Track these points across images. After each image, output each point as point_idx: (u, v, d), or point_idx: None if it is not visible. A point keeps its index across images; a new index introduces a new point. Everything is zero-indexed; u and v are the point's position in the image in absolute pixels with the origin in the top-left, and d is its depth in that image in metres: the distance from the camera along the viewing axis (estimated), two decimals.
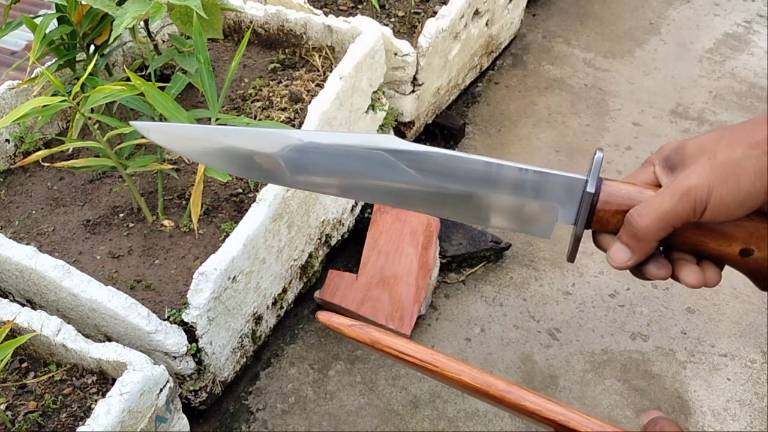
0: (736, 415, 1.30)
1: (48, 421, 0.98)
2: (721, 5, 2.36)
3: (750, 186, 0.44)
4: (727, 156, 0.44)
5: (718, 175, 0.44)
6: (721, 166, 0.44)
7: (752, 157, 0.44)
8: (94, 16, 1.20)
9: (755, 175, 0.44)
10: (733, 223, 0.47)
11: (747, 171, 0.44)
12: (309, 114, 1.27)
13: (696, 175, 0.45)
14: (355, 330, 0.56)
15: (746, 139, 0.45)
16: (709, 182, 0.44)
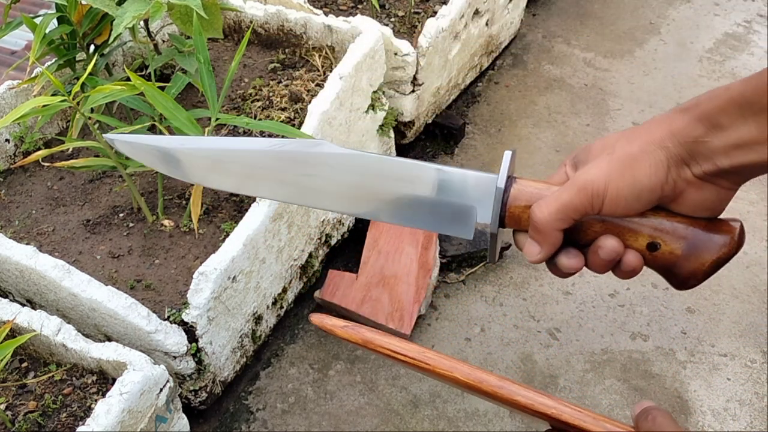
0: (736, 415, 1.30)
1: (48, 421, 0.98)
2: (721, 5, 2.36)
3: (646, 179, 0.45)
4: (625, 151, 0.46)
5: (615, 168, 0.46)
6: (618, 160, 0.46)
7: (648, 152, 0.45)
8: (94, 15, 1.20)
9: (651, 169, 0.45)
10: (638, 218, 0.48)
11: (643, 165, 0.45)
12: (309, 114, 1.27)
13: (594, 169, 0.46)
14: (347, 331, 0.57)
15: (644, 135, 0.46)
16: (606, 176, 0.46)
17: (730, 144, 0.43)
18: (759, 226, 1.63)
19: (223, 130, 1.36)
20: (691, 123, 0.44)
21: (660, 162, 0.45)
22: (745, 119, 0.42)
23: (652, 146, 0.45)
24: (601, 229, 0.49)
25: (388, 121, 1.54)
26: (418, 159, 1.79)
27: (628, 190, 0.46)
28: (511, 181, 0.51)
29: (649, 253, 0.49)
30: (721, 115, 0.43)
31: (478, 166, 1.78)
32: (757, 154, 0.42)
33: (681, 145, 0.44)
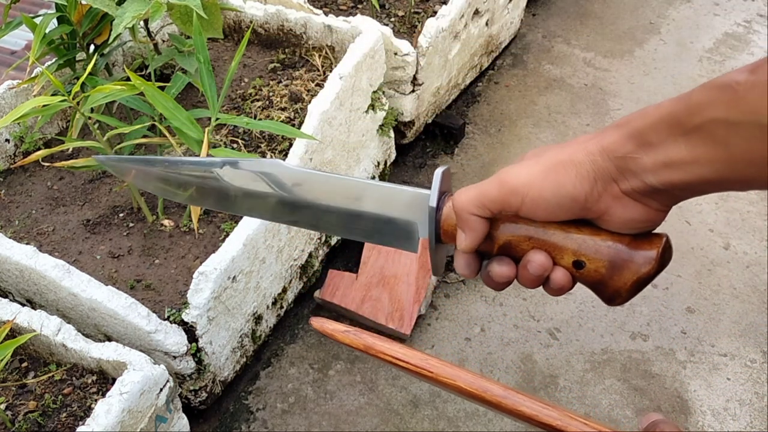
0: (736, 414, 1.30)
1: (48, 420, 0.98)
2: (721, 5, 2.36)
3: (570, 186, 0.45)
4: (555, 156, 0.46)
5: (539, 170, 0.46)
6: (544, 164, 0.46)
7: (576, 161, 0.45)
8: (94, 15, 1.20)
9: (576, 178, 0.45)
10: (563, 234, 0.48)
11: (569, 172, 0.45)
12: (309, 114, 1.27)
13: (519, 168, 0.47)
14: (348, 336, 0.56)
15: (576, 146, 0.46)
16: (529, 175, 0.46)
17: (659, 162, 0.43)
18: (759, 226, 1.63)
19: (223, 130, 1.36)
20: (622, 139, 0.44)
21: (587, 172, 0.45)
22: (674, 138, 0.42)
23: (581, 156, 0.45)
24: (529, 245, 0.49)
25: (388, 121, 1.54)
26: (418, 159, 1.79)
27: (550, 193, 0.46)
28: (445, 198, 0.52)
29: (576, 271, 0.49)
30: (651, 132, 0.43)
31: (478, 166, 1.78)
32: (685, 173, 0.42)
33: (610, 160, 0.44)
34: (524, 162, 0.48)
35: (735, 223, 1.64)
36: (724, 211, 1.67)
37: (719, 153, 0.40)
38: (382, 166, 1.61)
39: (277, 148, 1.33)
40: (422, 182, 1.74)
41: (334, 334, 0.57)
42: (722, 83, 0.40)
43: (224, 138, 1.36)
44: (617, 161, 0.44)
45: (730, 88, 0.39)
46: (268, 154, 1.31)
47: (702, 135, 0.40)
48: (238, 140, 1.35)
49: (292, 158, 1.23)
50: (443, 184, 0.52)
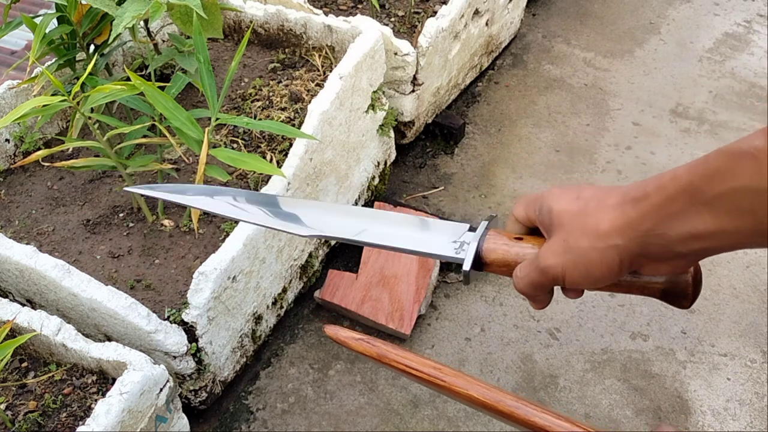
0: (736, 414, 1.30)
1: (48, 420, 0.98)
2: (721, 5, 2.36)
3: (599, 273, 0.47)
4: (577, 243, 0.47)
5: (569, 259, 0.48)
6: (571, 252, 0.48)
7: (597, 249, 0.46)
8: (94, 15, 1.20)
9: (602, 267, 0.46)
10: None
11: (594, 261, 0.47)
12: (309, 114, 1.27)
13: (551, 255, 0.49)
14: (362, 344, 0.57)
15: (594, 228, 0.47)
16: (562, 264, 0.48)
17: (685, 234, 0.42)
18: None
19: (223, 130, 1.36)
20: (642, 216, 0.44)
21: (612, 260, 0.46)
22: (697, 209, 0.41)
23: (602, 243, 0.46)
24: None
25: (388, 121, 1.54)
26: (418, 159, 1.79)
27: (582, 279, 0.48)
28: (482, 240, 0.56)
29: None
30: (672, 205, 0.42)
31: (478, 166, 1.78)
32: (714, 242, 0.42)
33: (632, 240, 0.45)
34: (552, 246, 0.49)
35: None
36: None
37: (747, 222, 0.39)
38: (382, 166, 1.61)
39: (277, 148, 1.33)
40: (422, 182, 1.74)
41: (348, 342, 0.58)
42: (740, 150, 0.39)
43: (224, 138, 1.36)
44: (640, 239, 0.44)
45: (750, 156, 0.38)
46: (268, 154, 1.31)
47: (726, 204, 0.40)
48: (238, 140, 1.35)
49: (292, 158, 1.23)
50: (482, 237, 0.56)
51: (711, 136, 1.88)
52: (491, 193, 1.72)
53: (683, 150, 1.84)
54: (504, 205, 1.68)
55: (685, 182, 0.42)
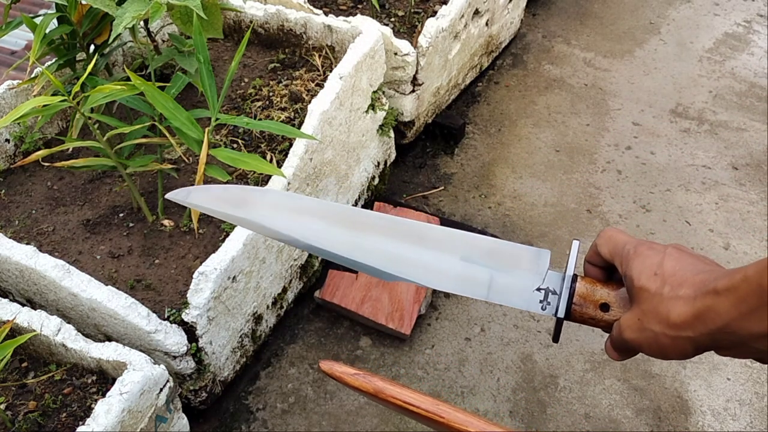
0: (736, 414, 1.30)
1: (48, 420, 0.98)
2: (721, 5, 2.36)
3: (673, 355, 0.49)
4: (650, 326, 0.49)
5: (643, 337, 0.50)
6: (645, 332, 0.49)
7: (669, 336, 0.48)
8: (94, 15, 1.20)
9: (675, 351, 0.48)
10: None
11: (667, 346, 0.48)
12: (309, 114, 1.27)
13: (629, 329, 0.51)
14: (358, 379, 0.57)
15: (666, 316, 0.48)
16: (638, 340, 0.50)
17: (756, 333, 0.43)
18: (759, 226, 1.63)
19: (223, 130, 1.36)
20: (713, 314, 0.44)
21: (684, 347, 0.47)
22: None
23: (673, 332, 0.47)
24: None
25: (388, 121, 1.54)
26: (418, 159, 1.79)
27: (658, 356, 0.50)
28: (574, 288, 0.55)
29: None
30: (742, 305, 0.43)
31: (478, 166, 1.78)
32: None
33: (704, 334, 0.45)
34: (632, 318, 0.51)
35: (735, 223, 1.64)
36: (724, 211, 1.67)
37: None
38: (382, 166, 1.61)
39: (277, 148, 1.33)
40: (422, 182, 1.74)
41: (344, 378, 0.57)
42: None
43: (224, 138, 1.36)
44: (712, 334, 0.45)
45: None
46: (268, 154, 1.31)
47: None
48: (238, 140, 1.35)
49: (292, 158, 1.23)
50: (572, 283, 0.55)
51: (711, 136, 1.88)
52: (491, 193, 1.72)
53: (683, 150, 1.84)
54: (504, 205, 1.68)
55: (755, 284, 0.42)
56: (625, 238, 0.54)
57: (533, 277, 0.55)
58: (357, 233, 0.59)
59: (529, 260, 0.56)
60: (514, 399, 1.32)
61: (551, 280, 0.55)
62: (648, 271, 0.50)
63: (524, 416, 1.29)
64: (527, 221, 1.63)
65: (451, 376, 1.35)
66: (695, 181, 1.75)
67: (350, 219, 0.60)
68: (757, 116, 1.94)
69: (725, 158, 1.82)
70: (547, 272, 0.55)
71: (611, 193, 1.72)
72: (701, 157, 1.82)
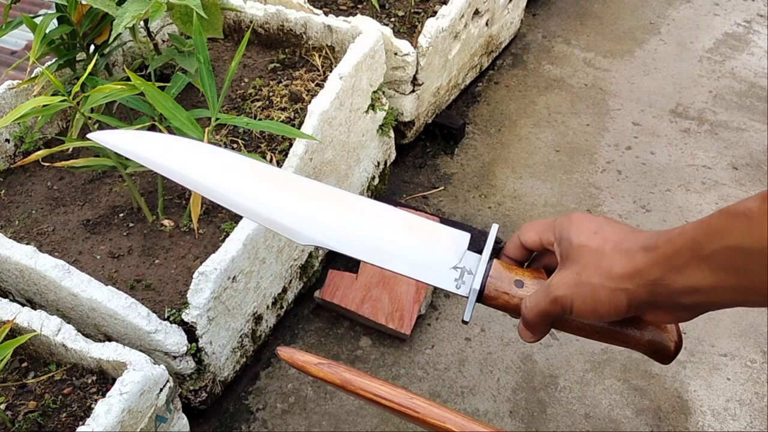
0: (736, 414, 1.30)
1: (48, 420, 0.98)
2: (721, 5, 2.36)
3: (605, 311, 0.49)
4: (589, 279, 0.50)
5: (578, 292, 0.50)
6: (582, 286, 0.50)
7: (608, 288, 0.48)
8: (94, 15, 1.20)
9: (610, 305, 0.49)
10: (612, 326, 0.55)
11: (603, 299, 0.49)
12: (309, 114, 1.27)
13: (563, 286, 0.51)
14: (322, 369, 0.53)
15: (607, 269, 0.49)
16: (572, 296, 0.50)
17: (687, 288, 0.44)
18: None
19: (223, 130, 1.37)
20: (650, 265, 0.46)
21: (619, 301, 0.48)
22: (698, 263, 0.43)
23: (613, 283, 0.48)
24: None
25: (388, 121, 1.54)
26: (418, 159, 1.79)
27: (588, 314, 0.50)
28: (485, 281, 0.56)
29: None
30: (677, 258, 0.44)
31: (478, 166, 1.78)
32: (711, 297, 0.44)
33: (640, 286, 0.47)
34: (564, 277, 0.51)
35: None
36: None
37: (740, 280, 0.41)
38: (382, 166, 1.61)
39: (277, 148, 1.33)
40: (422, 182, 1.74)
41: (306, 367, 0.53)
42: (736, 210, 0.40)
43: (224, 138, 1.36)
44: (648, 287, 0.46)
45: (744, 216, 0.40)
46: (268, 154, 1.31)
47: (722, 261, 0.42)
48: (238, 140, 1.35)
49: (292, 158, 1.23)
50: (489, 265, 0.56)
51: (711, 136, 1.88)
52: (491, 193, 1.72)
53: (683, 150, 1.84)
54: (504, 205, 1.68)
55: (689, 237, 0.43)
56: (550, 220, 0.56)
57: (451, 255, 0.57)
58: (277, 191, 0.60)
59: (449, 240, 0.58)
60: (514, 399, 1.32)
61: (468, 260, 0.56)
62: (588, 231, 0.51)
63: (524, 416, 1.29)
64: (527, 221, 1.64)
65: (451, 376, 1.35)
66: (695, 181, 1.75)
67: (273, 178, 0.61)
68: (757, 116, 1.94)
69: (725, 158, 1.82)
70: (465, 253, 0.57)
71: (611, 193, 1.72)
72: (701, 157, 1.82)
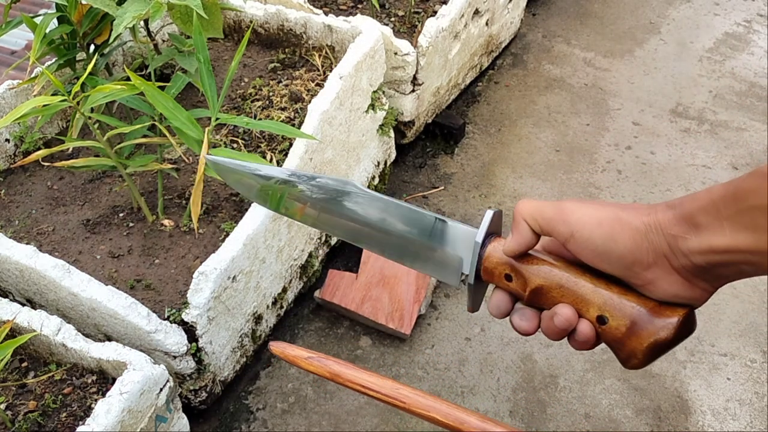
0: (736, 414, 1.30)
1: (48, 420, 0.98)
2: (721, 5, 2.36)
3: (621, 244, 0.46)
4: (616, 212, 0.47)
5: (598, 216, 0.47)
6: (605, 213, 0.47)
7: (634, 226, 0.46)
8: (94, 15, 1.20)
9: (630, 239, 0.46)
10: (591, 287, 0.50)
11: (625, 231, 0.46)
12: (309, 113, 1.27)
13: (582, 204, 0.49)
14: (312, 363, 0.54)
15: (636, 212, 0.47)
16: (587, 215, 0.48)
17: (705, 246, 0.44)
18: None
19: (223, 130, 1.36)
20: (674, 220, 0.45)
21: (641, 240, 0.46)
22: (720, 223, 0.43)
23: (638, 223, 0.46)
24: (559, 294, 0.51)
25: (388, 121, 1.54)
26: (418, 159, 1.79)
27: (600, 241, 0.47)
28: (492, 239, 0.54)
29: (599, 326, 0.51)
30: (700, 215, 0.44)
31: (478, 166, 1.78)
32: (729, 258, 0.43)
33: (662, 236, 0.46)
34: (589, 203, 0.49)
35: None
36: None
37: (759, 241, 0.41)
38: (382, 165, 1.61)
39: (277, 148, 1.33)
40: (422, 182, 1.74)
41: (297, 361, 0.55)
42: (765, 171, 0.40)
43: (224, 138, 1.36)
44: (668, 238, 0.45)
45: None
46: (268, 154, 1.31)
47: (744, 221, 0.41)
48: (238, 140, 1.35)
49: (292, 158, 1.23)
50: (492, 226, 0.54)
51: (711, 136, 1.88)
52: (491, 193, 1.72)
53: (683, 150, 1.84)
54: (504, 205, 1.68)
55: (717, 196, 0.43)
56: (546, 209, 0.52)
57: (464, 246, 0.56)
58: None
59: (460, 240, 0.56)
60: (514, 399, 1.32)
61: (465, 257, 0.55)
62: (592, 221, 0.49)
63: (524, 416, 1.29)
64: None
65: (451, 376, 1.35)
66: (695, 181, 1.75)
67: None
68: (757, 116, 1.94)
69: (725, 158, 1.82)
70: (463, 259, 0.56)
71: (611, 192, 1.72)
72: (701, 157, 1.82)
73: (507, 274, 0.53)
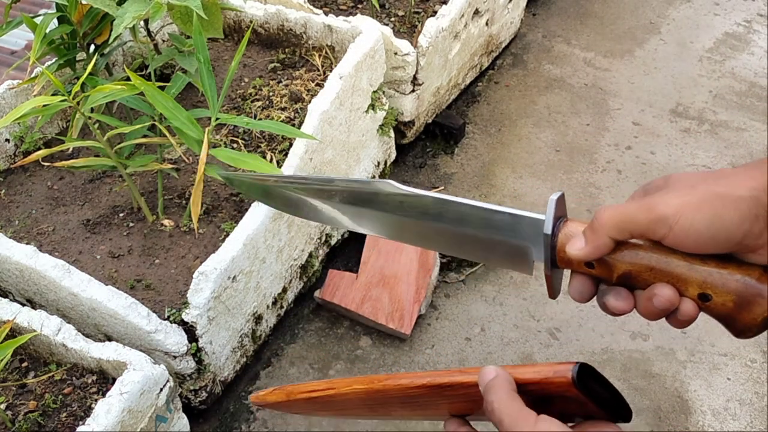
0: (736, 414, 1.30)
1: (48, 420, 0.98)
2: (721, 5, 2.36)
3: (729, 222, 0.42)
4: (711, 187, 0.43)
5: (692, 201, 0.43)
6: (700, 194, 0.43)
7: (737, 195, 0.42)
8: (94, 15, 1.20)
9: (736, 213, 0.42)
10: (687, 266, 0.46)
11: (728, 207, 0.42)
12: (309, 114, 1.27)
13: (669, 195, 0.44)
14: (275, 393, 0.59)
15: (734, 178, 0.43)
16: (680, 204, 0.43)
17: None
18: None
19: (223, 130, 1.36)
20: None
21: (748, 209, 0.41)
22: None
23: (742, 191, 0.41)
24: (651, 276, 0.47)
25: (388, 121, 1.54)
26: (418, 159, 1.79)
27: (704, 226, 0.42)
28: (561, 223, 0.52)
29: (703, 303, 0.47)
30: None
31: (478, 166, 1.78)
32: None
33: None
34: (674, 192, 0.44)
35: None
36: None
37: None
38: (382, 165, 1.61)
39: (277, 148, 1.33)
40: (422, 182, 1.74)
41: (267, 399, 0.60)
42: None
43: (224, 138, 1.36)
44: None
45: None
46: (268, 154, 1.31)
47: None
48: (238, 140, 1.35)
49: (292, 158, 1.23)
50: (558, 210, 0.52)
51: (711, 136, 1.88)
52: (491, 193, 1.72)
53: (683, 150, 1.84)
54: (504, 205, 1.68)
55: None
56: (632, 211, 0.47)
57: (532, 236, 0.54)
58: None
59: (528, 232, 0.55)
60: None
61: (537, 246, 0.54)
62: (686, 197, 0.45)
63: None
64: None
65: None
66: None
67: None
68: (757, 116, 1.94)
69: (725, 158, 1.82)
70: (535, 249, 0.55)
71: (611, 193, 1.72)
72: (701, 157, 1.82)
73: (588, 262, 0.49)
